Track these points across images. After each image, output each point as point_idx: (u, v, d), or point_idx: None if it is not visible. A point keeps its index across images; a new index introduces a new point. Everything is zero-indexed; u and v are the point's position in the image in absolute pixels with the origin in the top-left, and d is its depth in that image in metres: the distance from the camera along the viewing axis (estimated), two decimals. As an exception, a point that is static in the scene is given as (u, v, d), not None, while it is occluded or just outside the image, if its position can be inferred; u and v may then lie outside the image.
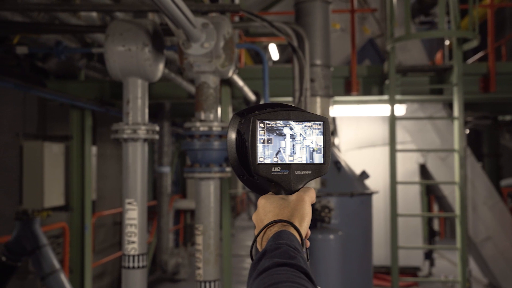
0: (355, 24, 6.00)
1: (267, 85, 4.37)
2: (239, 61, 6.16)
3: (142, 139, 3.23)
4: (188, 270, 8.37)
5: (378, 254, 7.40)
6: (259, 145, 0.99)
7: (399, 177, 6.27)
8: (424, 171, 7.84)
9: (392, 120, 5.41)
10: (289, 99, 5.26)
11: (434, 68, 5.88)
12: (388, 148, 5.43)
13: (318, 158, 1.02)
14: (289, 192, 1.00)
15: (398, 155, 5.59)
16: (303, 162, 1.01)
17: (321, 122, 1.02)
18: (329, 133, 1.03)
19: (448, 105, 6.89)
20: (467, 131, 9.31)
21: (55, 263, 4.43)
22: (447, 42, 7.75)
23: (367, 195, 4.99)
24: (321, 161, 1.02)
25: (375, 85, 5.80)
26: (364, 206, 4.95)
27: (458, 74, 5.32)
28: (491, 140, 9.07)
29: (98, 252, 6.99)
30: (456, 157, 5.39)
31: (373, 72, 5.82)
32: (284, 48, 10.21)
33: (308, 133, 1.02)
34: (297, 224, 0.94)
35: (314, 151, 1.02)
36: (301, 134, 1.01)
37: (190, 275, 8.25)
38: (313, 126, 1.02)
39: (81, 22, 4.23)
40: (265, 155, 0.99)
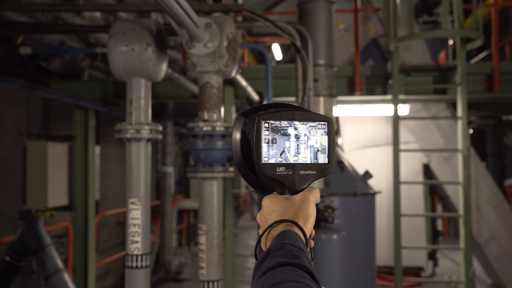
0: (359, 24, 5.99)
1: (270, 85, 4.37)
2: (242, 61, 6.16)
3: (146, 139, 3.23)
4: (191, 270, 8.37)
5: (382, 254, 7.38)
6: (264, 145, 0.99)
7: (403, 177, 6.25)
8: (428, 171, 7.82)
9: (396, 120, 5.40)
10: (292, 99, 5.26)
11: (438, 68, 5.87)
12: (392, 148, 5.42)
13: (323, 158, 1.03)
14: (294, 192, 1.01)
15: (402, 155, 5.58)
16: (308, 162, 1.02)
17: (326, 122, 1.03)
18: (334, 133, 1.03)
19: (452, 105, 6.87)
20: (471, 131, 9.29)
21: (59, 263, 4.43)
22: (451, 42, 7.74)
23: (370, 195, 4.98)
24: (326, 161, 1.03)
25: (379, 85, 5.79)
26: (367, 206, 4.94)
27: (462, 74, 5.31)
28: (495, 140, 9.05)
29: (102, 252, 7.00)
30: (460, 157, 5.38)
31: (377, 72, 5.81)
32: (287, 48, 10.21)
33: (313, 133, 1.02)
34: (302, 224, 0.94)
35: (319, 151, 1.02)
36: (306, 134, 1.01)
37: (193, 275, 8.26)
38: (318, 126, 1.02)
39: (85, 22, 4.24)
40: (270, 155, 0.99)
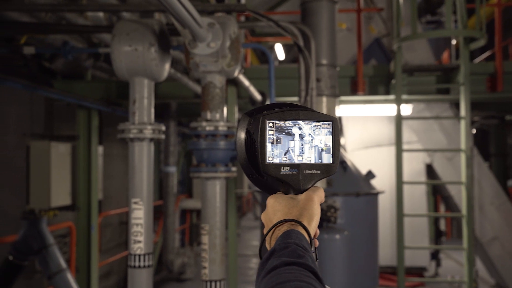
0: (361, 24, 5.98)
1: (273, 85, 4.37)
2: (245, 61, 6.16)
3: (148, 139, 3.23)
4: (194, 270, 8.38)
5: (384, 254, 7.37)
6: (268, 145, 0.99)
7: (405, 177, 6.24)
8: (431, 171, 7.81)
9: (398, 120, 5.39)
10: (295, 99, 5.26)
11: (441, 68, 5.86)
12: (394, 148, 5.41)
13: (327, 158, 1.03)
14: (298, 192, 1.01)
15: (404, 155, 5.57)
16: (312, 162, 1.01)
17: (330, 122, 1.03)
18: (338, 133, 1.03)
19: (455, 105, 6.86)
20: (474, 131, 9.26)
21: (62, 263, 4.44)
22: (454, 42, 7.72)
23: (373, 195, 4.98)
24: (330, 161, 1.03)
25: (381, 85, 5.78)
26: (370, 206, 4.94)
27: (465, 74, 5.30)
28: (498, 140, 9.03)
29: (104, 252, 7.02)
30: (463, 157, 5.37)
31: (379, 72, 5.81)
32: (290, 48, 10.21)
33: (317, 133, 1.02)
34: (306, 224, 0.94)
35: (323, 151, 1.02)
36: (310, 134, 1.01)
37: (196, 275, 8.26)
38: (322, 126, 1.02)
39: (88, 22, 4.25)
40: (274, 155, 0.99)
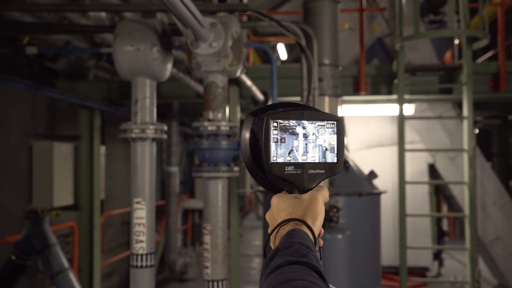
0: (364, 23, 5.98)
1: (275, 85, 4.36)
2: (247, 61, 6.16)
3: (151, 139, 3.23)
4: (196, 270, 8.38)
5: (387, 254, 7.37)
6: (272, 144, 0.99)
7: (408, 177, 6.23)
8: (433, 171, 7.80)
9: (401, 120, 5.38)
10: (297, 99, 5.26)
11: (443, 67, 5.85)
12: (397, 148, 5.41)
13: (331, 157, 1.03)
14: (302, 191, 1.01)
15: (407, 155, 5.56)
16: (316, 161, 1.02)
17: (335, 122, 1.03)
18: (343, 133, 1.03)
19: (458, 105, 6.85)
20: (477, 131, 9.26)
21: (64, 262, 4.44)
22: (457, 41, 7.71)
23: (376, 195, 4.97)
24: (334, 160, 1.03)
25: (384, 85, 5.77)
26: (373, 206, 4.93)
27: (468, 74, 5.29)
28: (501, 140, 9.02)
29: (107, 251, 7.02)
30: (465, 157, 5.36)
31: (382, 72, 5.80)
32: (292, 48, 10.21)
33: (321, 132, 1.02)
34: (310, 223, 0.95)
35: (327, 150, 1.02)
36: (314, 133, 1.01)
37: (198, 275, 8.27)
38: (326, 125, 1.02)
39: (90, 22, 4.25)
40: (278, 154, 0.99)
